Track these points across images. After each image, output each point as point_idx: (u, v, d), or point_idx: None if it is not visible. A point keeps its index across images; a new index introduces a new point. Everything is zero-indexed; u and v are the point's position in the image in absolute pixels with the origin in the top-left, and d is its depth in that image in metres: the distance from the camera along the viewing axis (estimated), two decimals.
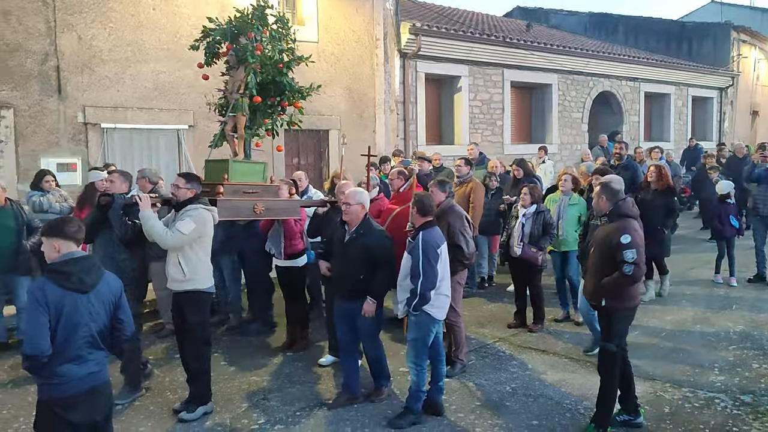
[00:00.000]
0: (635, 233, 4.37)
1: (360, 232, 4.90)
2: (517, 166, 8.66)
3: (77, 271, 3.21)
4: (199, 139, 9.67)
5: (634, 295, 4.56)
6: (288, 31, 6.35)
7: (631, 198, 4.76)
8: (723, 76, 21.25)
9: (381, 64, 12.11)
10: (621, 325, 4.57)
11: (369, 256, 4.84)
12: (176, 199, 4.91)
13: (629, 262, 4.28)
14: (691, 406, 4.95)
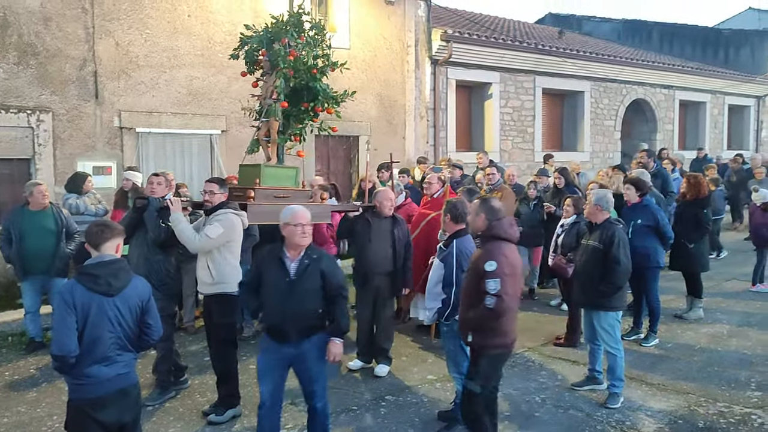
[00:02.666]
0: (503, 260, 3.88)
1: (313, 256, 4.03)
2: (559, 174, 8.53)
3: (106, 275, 3.27)
4: (231, 144, 9.78)
5: (505, 331, 4.03)
6: (324, 37, 6.40)
7: (510, 218, 4.23)
8: (761, 84, 20.79)
9: (412, 71, 12.13)
10: (488, 365, 4.08)
11: (327, 283, 4.02)
12: (210, 204, 4.97)
13: (491, 293, 3.83)
14: (726, 422, 4.83)
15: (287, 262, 4.01)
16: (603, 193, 5.70)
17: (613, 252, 5.22)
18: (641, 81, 17.08)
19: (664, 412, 5.01)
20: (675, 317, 7.57)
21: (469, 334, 4.08)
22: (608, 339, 5.28)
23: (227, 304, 4.94)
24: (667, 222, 6.79)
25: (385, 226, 5.93)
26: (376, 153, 11.42)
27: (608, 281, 5.21)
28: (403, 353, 6.50)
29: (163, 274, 5.23)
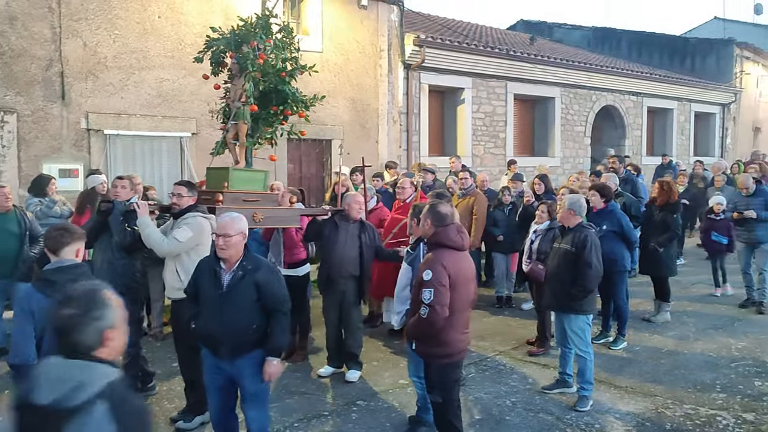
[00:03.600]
0: (440, 269, 3.78)
1: (248, 267, 3.77)
2: (539, 181, 8.58)
3: (64, 280, 3.18)
4: (201, 147, 9.66)
5: (448, 341, 3.93)
6: (292, 40, 6.36)
7: (458, 225, 4.09)
8: (726, 92, 21.26)
9: (385, 75, 12.14)
10: (437, 375, 4.03)
11: (263, 296, 3.79)
12: (177, 207, 4.90)
13: (425, 303, 3.76)
14: (692, 424, 4.90)
15: (221, 273, 3.82)
16: (576, 197, 5.76)
17: (586, 256, 5.26)
18: (610, 88, 17.33)
19: (632, 415, 5.06)
20: (643, 320, 7.68)
21: (414, 342, 4.06)
22: (579, 342, 5.33)
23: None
24: (631, 227, 6.89)
25: (353, 230, 5.90)
26: (349, 157, 11.40)
27: (580, 284, 5.25)
28: (375, 358, 6.48)
29: (129, 278, 5.13)
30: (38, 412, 1.69)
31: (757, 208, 8.04)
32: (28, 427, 1.71)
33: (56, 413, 1.65)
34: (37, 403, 1.70)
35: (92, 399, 1.71)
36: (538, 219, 6.79)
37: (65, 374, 1.75)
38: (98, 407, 1.69)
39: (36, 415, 1.69)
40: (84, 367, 1.78)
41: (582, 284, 5.24)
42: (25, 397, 1.75)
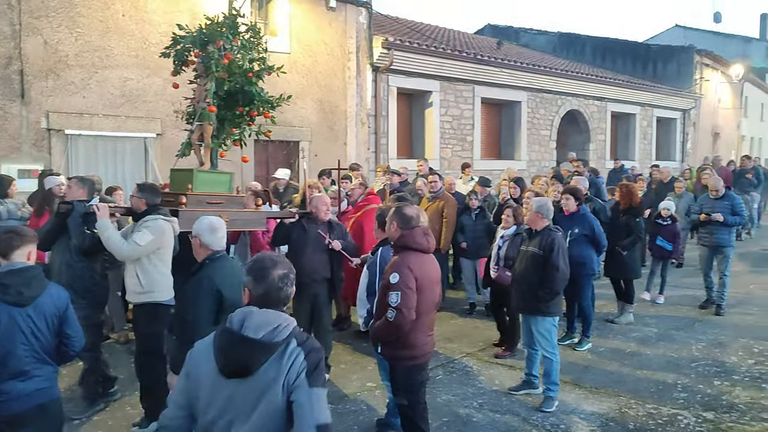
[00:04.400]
0: (407, 272, 3.77)
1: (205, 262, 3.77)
2: (514, 185, 8.58)
3: (16, 284, 3.10)
4: (166, 148, 9.50)
5: (413, 343, 3.92)
6: (259, 41, 6.30)
7: (424, 227, 4.05)
8: (686, 98, 21.78)
9: (353, 77, 12.12)
10: (402, 378, 4.03)
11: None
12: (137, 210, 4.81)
13: (391, 306, 3.75)
14: (655, 423, 4.98)
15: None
16: (544, 201, 5.82)
17: (553, 259, 5.31)
18: (575, 92, 17.59)
19: (596, 415, 5.13)
20: (607, 322, 7.79)
21: (379, 345, 4.04)
22: (545, 344, 5.38)
23: (156, 314, 4.76)
24: (602, 231, 6.93)
25: (322, 232, 5.87)
26: (317, 158, 11.37)
27: (547, 287, 5.30)
28: (343, 360, 6.45)
29: (88, 281, 5.00)
30: (250, 342, 2.27)
31: (724, 212, 8.08)
32: (241, 351, 2.27)
33: (266, 345, 2.27)
34: (250, 336, 2.27)
35: (288, 337, 2.33)
36: (504, 224, 6.78)
37: (267, 319, 2.32)
38: (292, 342, 2.33)
39: (248, 344, 2.27)
40: (278, 315, 2.37)
41: (549, 287, 5.30)
42: (238, 331, 2.30)
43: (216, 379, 2.31)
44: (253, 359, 2.27)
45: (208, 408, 2.34)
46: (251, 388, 2.27)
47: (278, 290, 2.42)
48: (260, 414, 2.26)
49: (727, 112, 25.30)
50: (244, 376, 2.27)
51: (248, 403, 2.27)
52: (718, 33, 32.46)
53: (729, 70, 24.22)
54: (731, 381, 5.86)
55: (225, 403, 2.30)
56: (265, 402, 2.26)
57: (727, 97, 25.11)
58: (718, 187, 8.33)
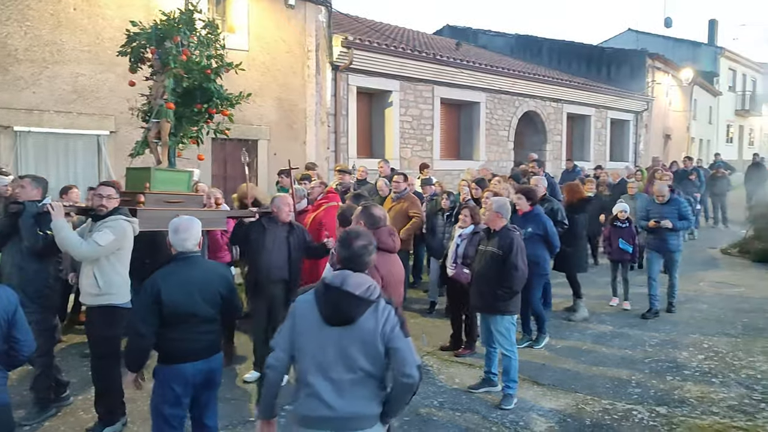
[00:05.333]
0: (373, 271, 3.66)
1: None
2: (476, 185, 8.57)
3: None
4: (120, 146, 9.27)
5: None
6: (217, 37, 6.20)
7: (389, 227, 4.12)
8: (639, 101, 22.32)
9: (312, 76, 12.04)
10: None
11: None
12: (102, 210, 4.66)
13: None
14: (610, 418, 5.09)
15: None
16: (504, 201, 5.87)
17: (512, 258, 5.37)
18: (532, 94, 17.84)
19: (554, 411, 5.22)
20: (563, 320, 7.93)
21: None
22: (504, 342, 5.44)
23: (112, 317, 4.64)
24: (555, 231, 6.97)
25: (281, 232, 5.80)
26: (277, 157, 11.26)
27: (506, 286, 5.36)
28: None
29: (40, 284, 4.84)
30: (352, 296, 2.80)
31: (671, 216, 8.03)
32: (345, 303, 2.80)
33: (364, 300, 2.81)
34: (351, 291, 2.80)
35: (378, 296, 2.87)
36: (461, 223, 6.81)
37: (361, 280, 2.87)
38: (382, 301, 2.87)
39: (351, 298, 2.80)
40: (368, 278, 2.93)
41: (508, 286, 5.36)
42: (340, 285, 2.82)
43: (320, 327, 2.82)
44: (355, 310, 2.80)
45: (313, 351, 2.83)
46: (353, 334, 2.80)
47: (359, 257, 2.96)
48: (361, 355, 2.79)
49: (677, 115, 26.06)
50: (347, 324, 2.79)
51: (350, 346, 2.79)
52: (669, 38, 33.38)
53: (679, 73, 24.94)
54: (683, 376, 6.03)
55: (330, 346, 2.80)
56: (365, 346, 2.79)
57: (677, 100, 25.86)
58: (663, 192, 8.26)
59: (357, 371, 2.80)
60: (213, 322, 3.77)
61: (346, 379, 2.80)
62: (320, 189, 7.67)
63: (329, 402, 2.80)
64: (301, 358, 2.88)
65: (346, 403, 2.80)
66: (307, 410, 2.86)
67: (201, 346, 3.70)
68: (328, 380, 2.81)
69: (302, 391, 2.88)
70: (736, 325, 7.74)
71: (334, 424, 2.81)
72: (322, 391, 2.81)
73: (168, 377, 3.64)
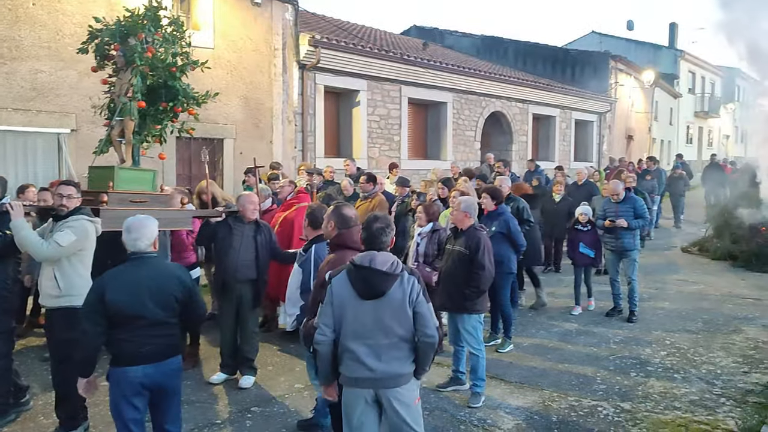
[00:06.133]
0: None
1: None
2: (442, 185, 8.54)
3: None
4: (82, 145, 9.06)
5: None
6: (183, 34, 6.10)
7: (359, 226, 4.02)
8: (602, 102, 22.72)
9: (279, 74, 11.95)
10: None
11: None
12: (65, 209, 4.54)
13: None
14: (576, 415, 5.16)
15: None
16: (471, 200, 5.90)
17: (479, 258, 5.40)
18: (499, 94, 18.01)
19: (521, 409, 5.27)
20: (530, 308, 8.03)
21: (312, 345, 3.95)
22: (471, 340, 5.47)
23: (73, 319, 4.51)
24: (519, 230, 6.96)
25: (248, 232, 5.74)
26: (243, 156, 11.14)
27: (473, 285, 5.38)
28: (270, 362, 6.35)
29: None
30: (381, 273, 3.27)
31: (627, 215, 7.96)
32: (376, 279, 3.27)
33: (391, 275, 3.28)
34: (379, 268, 3.27)
35: (402, 270, 3.33)
36: (418, 222, 6.79)
37: (385, 258, 3.32)
38: (405, 273, 3.34)
39: (380, 274, 3.26)
40: (390, 255, 3.37)
41: (476, 285, 5.38)
42: (369, 265, 3.28)
43: (356, 302, 3.29)
44: (384, 285, 3.27)
45: (352, 322, 3.29)
46: (385, 305, 3.28)
47: (377, 237, 3.44)
48: (394, 322, 3.28)
49: (639, 116, 26.59)
50: (379, 297, 3.27)
51: (384, 315, 3.28)
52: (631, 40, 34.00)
53: (641, 75, 25.45)
54: (646, 372, 6.14)
55: (366, 317, 3.28)
56: (397, 314, 3.28)
57: (639, 101, 26.38)
58: (618, 191, 8.18)
59: (392, 336, 3.29)
60: (165, 325, 3.65)
61: (383, 343, 3.29)
62: (290, 188, 7.62)
63: (369, 364, 3.28)
64: (343, 329, 3.32)
65: (384, 364, 3.29)
66: (350, 372, 3.35)
67: (151, 350, 3.58)
68: (366, 346, 3.29)
69: (345, 356, 3.35)
70: (696, 322, 7.92)
71: (374, 383, 3.31)
72: (362, 355, 3.29)
73: (118, 379, 3.57)
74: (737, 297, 9.28)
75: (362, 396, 3.35)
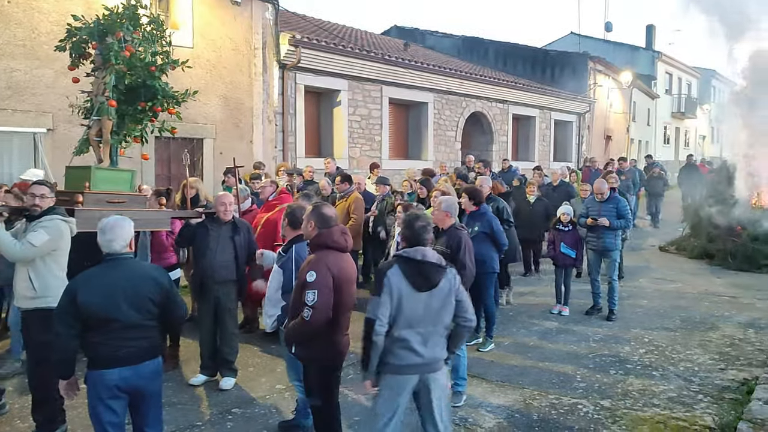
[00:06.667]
0: (325, 271, 3.77)
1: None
2: (421, 185, 8.51)
3: None
4: (59, 145, 8.95)
5: (329, 344, 3.92)
6: (163, 34, 6.04)
7: (341, 226, 4.13)
8: (581, 102, 22.92)
9: (259, 74, 11.89)
10: (316, 378, 4.01)
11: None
12: (38, 209, 4.47)
13: (308, 304, 3.71)
14: (557, 413, 5.20)
15: None
16: (452, 200, 5.91)
17: (460, 257, 5.40)
18: (479, 95, 18.09)
19: (502, 407, 5.29)
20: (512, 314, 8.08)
21: (293, 346, 3.98)
22: None
23: (49, 321, 4.44)
24: (500, 229, 6.95)
25: (225, 232, 5.70)
26: (223, 156, 11.07)
27: None
28: (251, 363, 6.31)
29: None
30: (435, 266, 3.59)
31: (609, 215, 7.99)
32: (430, 272, 3.58)
33: (442, 268, 3.62)
34: (430, 260, 3.59)
35: (446, 264, 3.67)
36: (398, 221, 6.81)
37: (433, 253, 3.64)
38: (449, 267, 3.70)
39: (434, 267, 3.59)
40: (432, 251, 3.69)
41: None
42: (423, 258, 3.58)
43: (411, 293, 3.54)
44: (437, 277, 3.59)
45: (407, 312, 3.53)
46: (437, 296, 3.59)
47: (419, 235, 3.69)
48: (443, 311, 3.62)
49: (618, 116, 26.86)
50: (431, 288, 3.56)
51: (436, 305, 3.59)
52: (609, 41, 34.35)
53: (619, 76, 25.71)
54: (625, 370, 6.21)
55: (419, 307, 3.55)
56: (446, 303, 3.63)
57: (617, 102, 26.65)
58: (602, 190, 8.19)
59: (439, 324, 3.62)
60: (140, 328, 3.58)
61: (430, 331, 3.58)
62: (271, 189, 7.56)
63: (419, 351, 3.55)
64: (397, 320, 3.53)
65: (429, 350, 3.59)
66: (400, 360, 3.56)
67: (127, 353, 3.52)
68: (417, 334, 3.55)
69: (395, 346, 3.55)
70: (674, 320, 8.02)
71: (421, 369, 3.59)
72: (414, 343, 3.54)
73: (94, 382, 3.52)
74: (714, 295, 9.42)
75: (410, 382, 3.60)
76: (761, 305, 8.80)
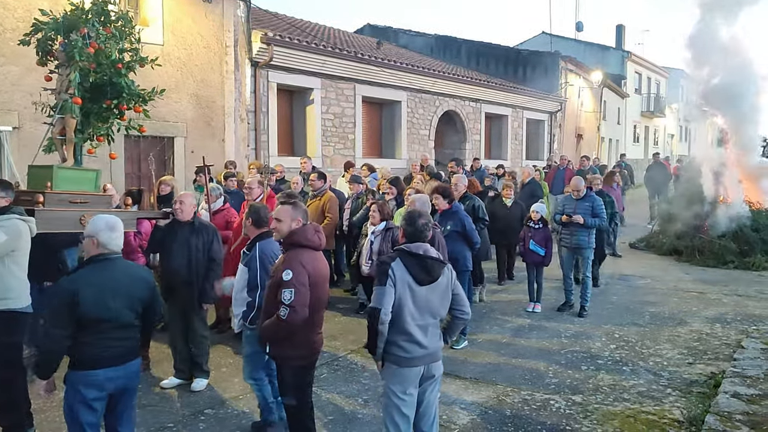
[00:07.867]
0: (300, 269, 3.75)
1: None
2: (390, 185, 8.49)
3: None
4: (25, 143, 8.74)
5: (304, 342, 3.92)
6: (132, 31, 5.93)
7: (314, 224, 4.15)
8: (553, 101, 23.14)
9: (231, 72, 11.77)
10: (291, 377, 3.99)
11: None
12: None
13: (285, 303, 3.68)
14: (530, 408, 5.23)
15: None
16: (425, 198, 5.91)
17: None
18: (452, 93, 18.15)
19: (476, 404, 5.31)
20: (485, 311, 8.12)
21: (268, 345, 3.96)
22: None
23: (12, 322, 4.35)
24: (473, 228, 6.98)
25: (184, 233, 5.60)
26: (194, 155, 10.93)
27: None
28: (224, 364, 6.25)
29: None
30: (436, 260, 3.70)
31: (584, 213, 8.03)
32: (431, 267, 3.68)
33: (441, 262, 3.74)
34: (433, 256, 3.70)
35: (444, 259, 3.81)
36: (372, 220, 6.80)
37: (432, 249, 3.75)
38: (446, 263, 3.81)
39: (434, 262, 3.69)
40: (431, 247, 3.79)
41: None
42: (425, 253, 3.68)
43: (412, 286, 3.63)
44: (438, 271, 3.71)
45: (409, 305, 3.62)
46: (436, 289, 3.71)
47: (421, 232, 3.78)
48: (441, 303, 3.76)
49: (588, 115, 27.20)
50: (431, 282, 3.68)
51: (436, 297, 3.72)
52: (580, 41, 34.76)
53: (590, 76, 26.04)
54: (596, 365, 6.28)
55: (420, 300, 3.65)
56: (444, 296, 3.77)
57: (588, 101, 26.98)
58: (579, 188, 8.24)
59: (437, 317, 3.75)
60: (129, 328, 3.58)
61: (430, 323, 3.70)
62: (259, 190, 7.41)
63: (422, 342, 3.66)
64: (400, 312, 3.60)
65: (430, 341, 3.71)
66: (405, 352, 3.64)
67: (116, 353, 3.50)
68: (419, 326, 3.65)
69: (400, 338, 3.63)
70: (644, 315, 8.14)
71: (426, 359, 3.70)
72: (417, 335, 3.64)
73: (80, 383, 3.45)
74: (682, 291, 9.59)
75: (417, 373, 3.68)
76: (727, 300, 8.98)
